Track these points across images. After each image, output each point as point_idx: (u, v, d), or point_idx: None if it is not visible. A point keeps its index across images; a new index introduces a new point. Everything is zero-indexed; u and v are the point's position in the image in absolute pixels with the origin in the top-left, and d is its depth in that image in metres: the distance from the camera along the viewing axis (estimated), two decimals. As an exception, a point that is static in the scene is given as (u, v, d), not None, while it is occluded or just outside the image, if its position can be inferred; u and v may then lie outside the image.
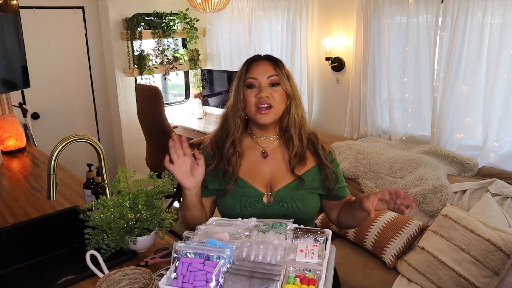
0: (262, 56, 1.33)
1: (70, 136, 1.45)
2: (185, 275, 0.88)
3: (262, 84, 1.27)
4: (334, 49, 3.37)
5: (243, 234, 1.02)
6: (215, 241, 0.94)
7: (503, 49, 2.42)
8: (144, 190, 1.40)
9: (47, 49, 3.76)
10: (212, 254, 0.89)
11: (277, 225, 1.07)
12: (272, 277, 0.87)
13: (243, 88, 1.28)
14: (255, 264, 0.92)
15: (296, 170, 1.30)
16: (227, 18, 4.24)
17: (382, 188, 2.59)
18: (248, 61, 1.32)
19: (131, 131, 4.21)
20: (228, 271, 0.89)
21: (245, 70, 1.29)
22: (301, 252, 0.96)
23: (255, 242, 0.98)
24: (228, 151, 1.30)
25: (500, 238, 1.95)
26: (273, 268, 0.90)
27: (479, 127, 2.66)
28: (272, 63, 1.30)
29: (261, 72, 1.27)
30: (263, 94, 1.25)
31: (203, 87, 4.53)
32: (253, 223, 1.09)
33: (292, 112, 1.31)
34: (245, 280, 0.86)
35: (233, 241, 0.97)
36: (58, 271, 1.66)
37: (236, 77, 1.32)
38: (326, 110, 3.63)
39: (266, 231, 1.03)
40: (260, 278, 0.86)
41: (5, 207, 1.91)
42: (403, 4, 2.84)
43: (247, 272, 0.89)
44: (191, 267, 0.89)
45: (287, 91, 1.29)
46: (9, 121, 2.76)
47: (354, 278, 2.16)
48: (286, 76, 1.30)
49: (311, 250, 0.97)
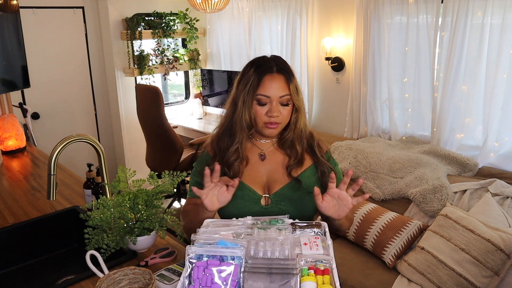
0: (275, 66, 1.25)
1: (70, 136, 1.45)
2: (201, 278, 0.87)
3: (273, 102, 1.22)
4: (334, 49, 3.37)
5: (244, 233, 1.02)
6: (225, 241, 0.94)
7: (503, 49, 2.42)
8: (144, 190, 1.40)
9: (47, 49, 3.76)
10: (226, 255, 0.89)
11: (274, 222, 1.08)
12: (290, 271, 0.88)
13: (254, 102, 1.24)
14: (269, 260, 0.93)
15: (293, 172, 1.30)
16: (227, 18, 4.24)
17: (382, 188, 2.60)
18: (260, 72, 1.24)
19: (131, 131, 4.21)
20: (246, 270, 0.89)
21: (257, 83, 1.22)
22: (305, 245, 0.98)
23: (260, 239, 0.99)
24: (231, 157, 1.28)
25: (500, 238, 1.95)
26: (288, 262, 0.91)
27: (479, 127, 2.66)
28: (286, 78, 1.24)
29: (275, 89, 1.22)
30: (274, 114, 1.22)
31: (203, 87, 4.53)
32: (250, 222, 1.09)
33: (299, 124, 1.29)
34: (265, 277, 0.87)
35: (239, 240, 0.97)
36: (58, 271, 1.66)
37: (244, 82, 1.25)
38: (326, 110, 3.63)
39: (266, 228, 1.04)
40: (279, 274, 0.87)
41: (5, 207, 1.91)
42: (403, 4, 2.84)
43: (265, 269, 0.89)
44: (207, 270, 0.88)
45: (296, 105, 1.27)
46: (9, 121, 2.76)
47: (354, 278, 2.16)
48: (296, 91, 1.25)
49: (314, 242, 0.98)
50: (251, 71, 1.25)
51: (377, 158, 2.73)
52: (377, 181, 2.64)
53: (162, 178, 1.43)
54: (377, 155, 2.75)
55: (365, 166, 2.74)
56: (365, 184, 2.69)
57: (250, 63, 1.29)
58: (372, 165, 2.71)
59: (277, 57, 1.29)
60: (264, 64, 1.25)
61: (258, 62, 1.27)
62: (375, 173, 2.68)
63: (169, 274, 1.26)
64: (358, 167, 2.78)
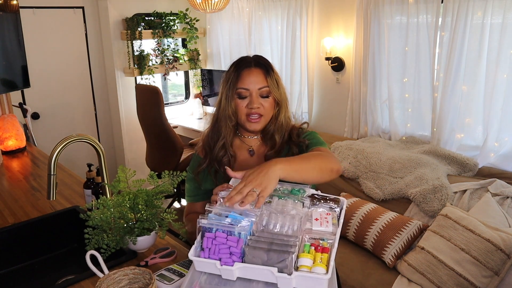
0: (253, 61, 1.32)
1: (70, 136, 1.45)
2: (210, 248, 0.95)
3: (253, 94, 1.29)
4: (334, 49, 3.37)
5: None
6: (236, 215, 0.99)
7: (503, 49, 2.42)
8: (144, 190, 1.40)
9: (47, 49, 3.77)
10: (234, 230, 0.96)
11: (295, 191, 1.10)
12: (288, 248, 0.92)
13: (234, 96, 1.30)
14: (273, 235, 0.97)
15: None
16: (227, 18, 4.24)
17: (382, 188, 2.60)
18: (238, 67, 1.32)
19: (131, 131, 4.21)
20: (248, 244, 0.95)
21: (236, 77, 1.30)
22: (316, 221, 1.00)
23: (275, 211, 1.02)
24: (219, 153, 1.34)
25: (500, 238, 1.95)
26: (290, 239, 0.95)
27: (479, 127, 2.66)
28: (263, 71, 1.30)
29: (253, 82, 1.29)
30: (254, 106, 1.28)
31: (203, 87, 4.53)
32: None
33: (280, 118, 1.35)
34: (263, 254, 0.92)
35: (253, 210, 1.00)
36: (58, 271, 1.66)
37: (225, 80, 1.33)
38: (326, 110, 3.63)
39: (285, 197, 1.07)
40: (276, 251, 0.92)
41: (5, 207, 1.91)
42: (403, 4, 2.84)
43: (266, 244, 0.94)
44: (215, 241, 0.95)
45: (276, 99, 1.32)
46: (9, 121, 2.76)
47: (354, 278, 2.16)
48: (276, 84, 1.31)
49: (325, 218, 1.01)
50: (232, 68, 1.33)
51: (377, 158, 2.73)
52: (377, 181, 2.64)
53: (162, 178, 1.43)
54: (377, 155, 2.75)
55: (365, 166, 2.74)
56: (365, 184, 2.69)
57: (232, 63, 1.37)
58: (372, 165, 2.71)
59: (257, 55, 1.36)
60: (242, 61, 1.34)
61: (238, 60, 1.35)
62: (375, 173, 2.68)
63: (169, 274, 1.26)
64: (358, 167, 2.78)
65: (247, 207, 1.01)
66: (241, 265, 0.93)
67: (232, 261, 0.93)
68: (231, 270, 0.93)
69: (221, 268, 0.93)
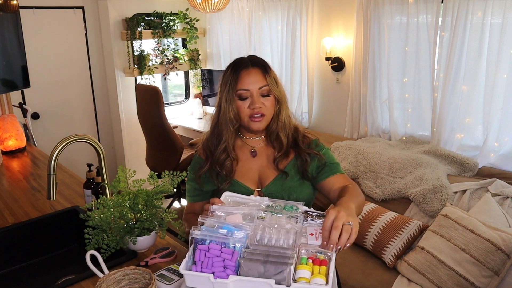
0: (249, 61, 1.32)
1: (70, 136, 1.45)
2: (203, 261, 0.92)
3: (254, 94, 1.28)
4: (334, 49, 3.37)
5: (256, 216, 1.05)
6: (230, 226, 0.97)
7: (503, 49, 2.42)
8: (144, 190, 1.40)
9: (47, 49, 3.76)
10: (229, 241, 0.93)
11: (288, 207, 1.10)
12: (286, 260, 0.90)
13: (235, 98, 1.29)
14: (268, 248, 0.95)
15: (279, 164, 1.35)
16: (227, 18, 4.24)
17: (382, 188, 2.60)
18: (236, 68, 1.31)
19: (131, 131, 4.21)
20: (243, 257, 0.92)
21: (235, 79, 1.29)
22: (311, 236, 1.00)
23: (269, 225, 1.01)
24: (221, 156, 1.33)
25: (500, 238, 1.95)
26: (286, 251, 0.93)
27: (479, 127, 2.66)
28: (262, 71, 1.30)
29: (252, 82, 1.28)
30: (256, 106, 1.27)
31: (203, 87, 4.53)
32: (266, 203, 1.13)
33: (282, 116, 1.34)
34: (260, 266, 0.89)
35: (247, 224, 0.99)
36: (58, 271, 1.66)
37: (224, 83, 1.31)
38: (326, 110, 3.63)
39: (279, 212, 1.07)
40: (274, 263, 0.89)
41: (5, 207, 1.91)
42: (403, 4, 2.84)
43: (262, 256, 0.92)
44: (209, 253, 0.92)
45: (276, 97, 1.32)
46: (9, 121, 2.76)
47: (354, 278, 2.16)
48: (275, 82, 1.31)
49: (321, 233, 1.01)
50: (229, 71, 1.32)
51: (377, 158, 2.73)
52: (377, 181, 2.64)
53: (162, 178, 1.44)
54: (377, 155, 2.75)
55: (365, 166, 2.74)
56: (365, 184, 2.69)
57: (228, 65, 1.35)
58: (372, 165, 2.71)
59: (252, 55, 1.36)
60: (239, 62, 1.33)
61: (235, 62, 1.34)
62: (375, 173, 2.68)
63: (169, 274, 1.26)
64: (358, 167, 2.78)
65: (240, 220, 1.00)
66: (236, 278, 0.89)
67: (227, 274, 0.90)
68: (226, 284, 0.88)
69: (215, 281, 0.88)
